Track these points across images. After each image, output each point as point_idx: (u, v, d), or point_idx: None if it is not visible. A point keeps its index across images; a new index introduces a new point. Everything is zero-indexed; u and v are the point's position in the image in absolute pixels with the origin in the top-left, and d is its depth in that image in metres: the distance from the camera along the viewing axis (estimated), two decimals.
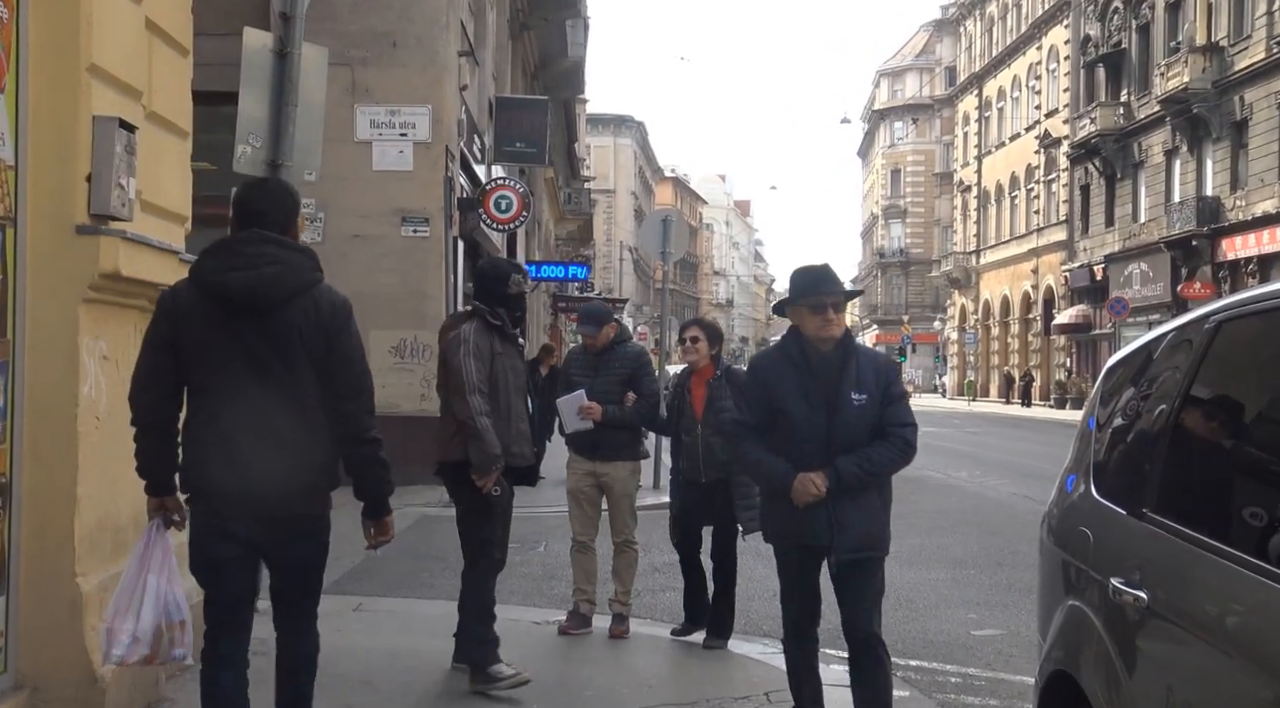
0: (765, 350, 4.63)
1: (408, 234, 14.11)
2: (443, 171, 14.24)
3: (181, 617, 3.57)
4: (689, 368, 6.64)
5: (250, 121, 6.97)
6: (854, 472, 4.26)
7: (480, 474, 5.31)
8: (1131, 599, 2.73)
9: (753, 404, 4.43)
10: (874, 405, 4.30)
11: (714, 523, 6.55)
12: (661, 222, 14.57)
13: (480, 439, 5.27)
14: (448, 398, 5.44)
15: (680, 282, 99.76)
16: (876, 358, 4.48)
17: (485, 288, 5.63)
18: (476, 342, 5.40)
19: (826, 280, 4.41)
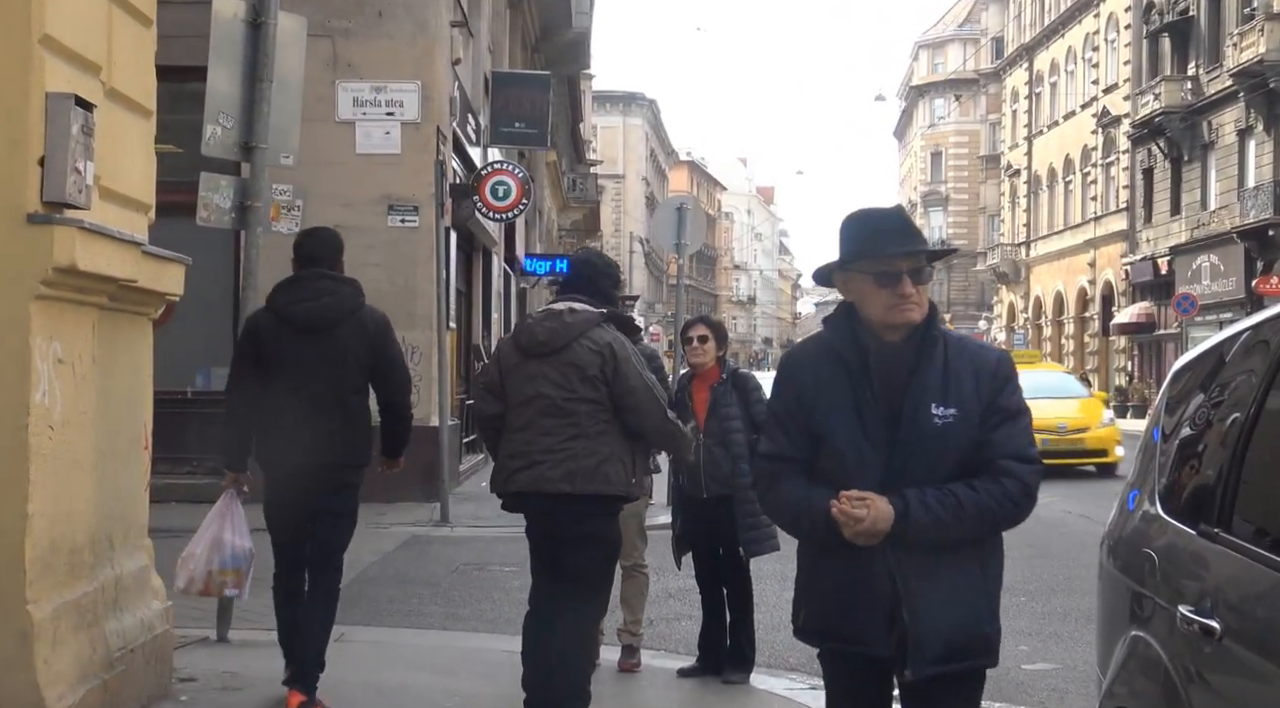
0: (800, 345, 3.37)
1: (395, 224, 14.14)
2: (433, 155, 14.26)
3: (239, 565, 5.51)
4: (691, 371, 6.63)
5: (220, 99, 6.98)
6: (929, 508, 3.00)
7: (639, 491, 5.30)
8: (1202, 629, 2.71)
9: (788, 426, 3.17)
10: (968, 425, 3.05)
11: (722, 544, 6.54)
12: (676, 210, 14.57)
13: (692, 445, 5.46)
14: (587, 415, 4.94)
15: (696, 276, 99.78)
16: (978, 353, 3.18)
17: (599, 286, 5.21)
18: (629, 347, 5.07)
19: (899, 232, 3.13)
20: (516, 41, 25.62)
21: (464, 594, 9.08)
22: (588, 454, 4.94)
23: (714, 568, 6.64)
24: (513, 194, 15.69)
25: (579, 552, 5.06)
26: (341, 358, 5.30)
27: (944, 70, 75.84)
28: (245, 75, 7.04)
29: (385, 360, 5.48)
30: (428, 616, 8.31)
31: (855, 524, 2.98)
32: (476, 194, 15.58)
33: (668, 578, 9.28)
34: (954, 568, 3.07)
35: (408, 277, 13.93)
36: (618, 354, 4.97)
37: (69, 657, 4.54)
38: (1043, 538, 12.13)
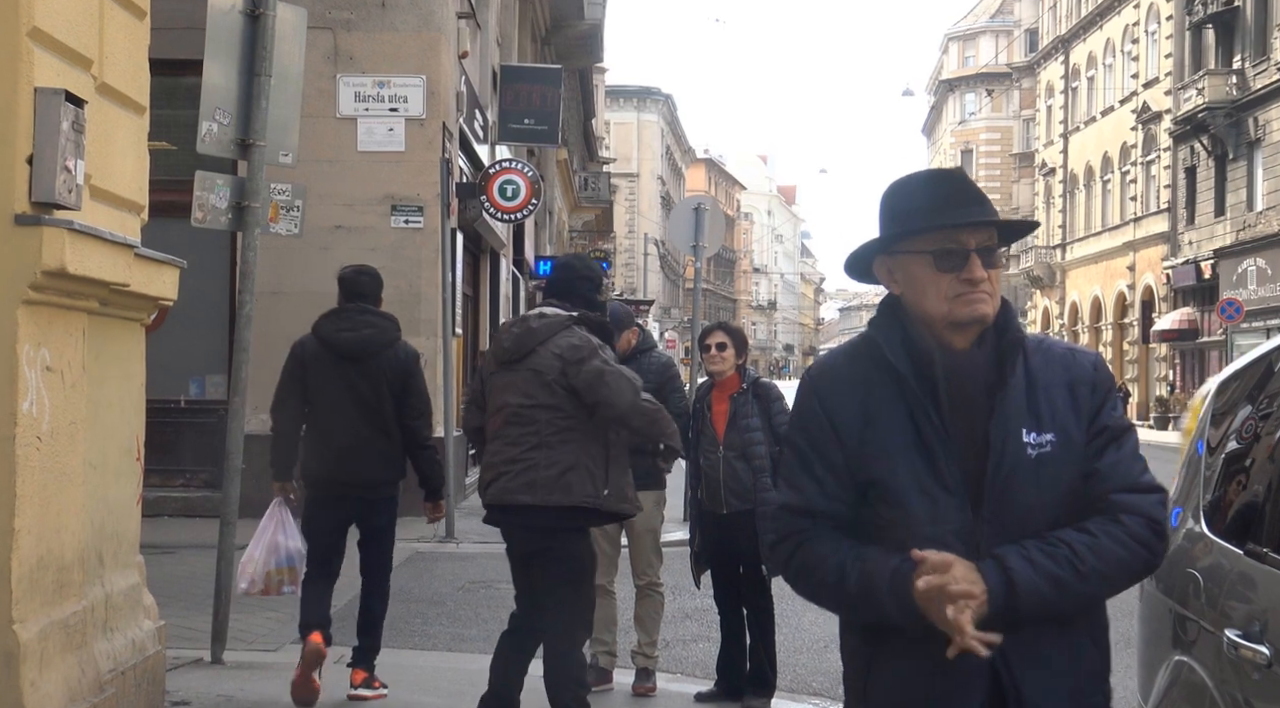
0: (831, 358, 2.64)
1: (398, 225, 14.16)
2: (439, 153, 14.29)
3: (293, 564, 6.22)
4: (709, 380, 6.63)
5: (216, 94, 7.00)
6: (1039, 568, 2.33)
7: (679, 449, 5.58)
8: (1251, 655, 2.69)
9: (819, 469, 2.48)
10: (1070, 454, 2.43)
11: (742, 562, 6.54)
12: (693, 211, 14.57)
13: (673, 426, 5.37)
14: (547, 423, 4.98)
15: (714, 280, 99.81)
16: (1069, 358, 2.54)
17: (578, 290, 5.27)
18: (603, 353, 5.09)
19: (963, 197, 2.48)
20: (526, 34, 25.68)
21: (470, 614, 9.07)
22: (549, 464, 4.97)
23: (734, 587, 6.63)
24: (522, 194, 15.71)
25: (545, 567, 5.10)
26: (377, 384, 6.16)
27: (975, 64, 75.76)
28: (243, 69, 7.07)
29: (411, 391, 6.28)
30: (433, 636, 8.31)
31: (961, 604, 2.25)
32: (484, 194, 15.61)
33: (684, 597, 9.26)
34: (1066, 648, 2.41)
35: (412, 280, 13.96)
36: (580, 353, 5.01)
37: (57, 679, 4.54)
38: None
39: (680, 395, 6.73)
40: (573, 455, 4.99)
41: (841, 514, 2.46)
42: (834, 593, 2.46)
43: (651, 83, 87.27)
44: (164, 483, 12.80)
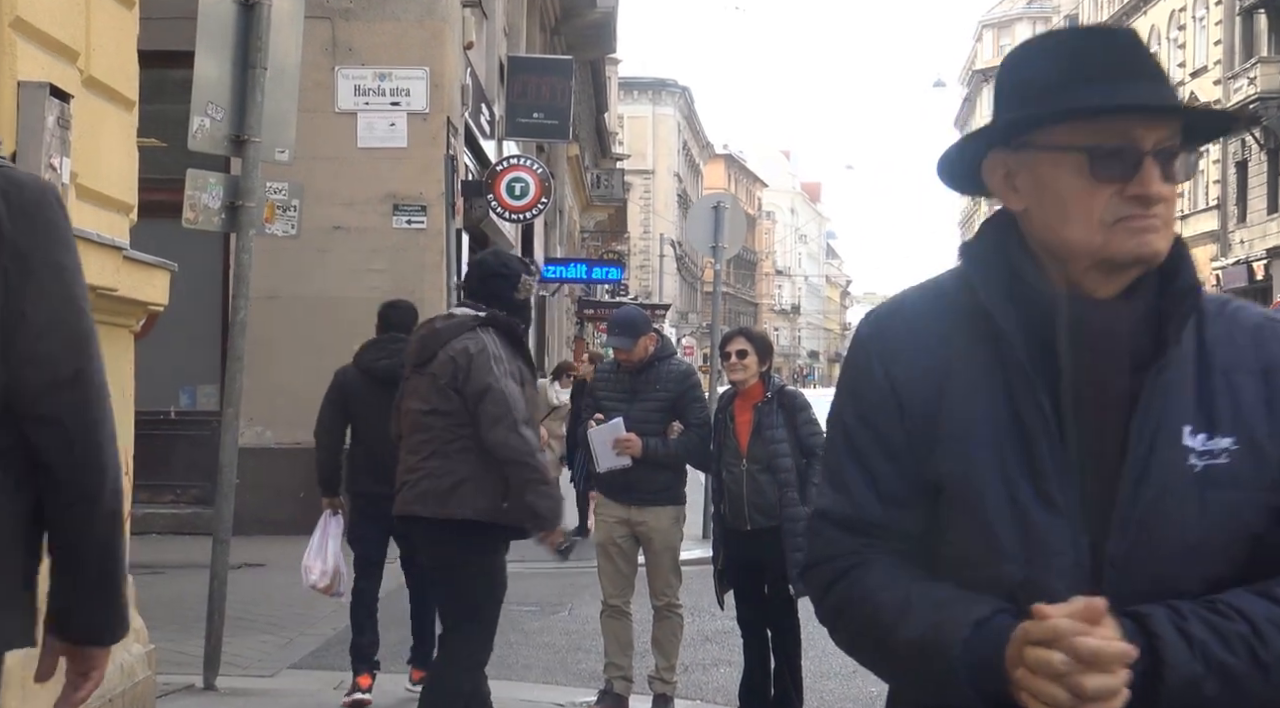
0: (900, 298, 1.93)
1: (401, 226, 14.18)
2: (443, 149, 14.31)
3: (345, 570, 7.06)
4: (731, 389, 6.63)
5: (209, 88, 7.02)
6: (1199, 646, 1.61)
7: (549, 526, 5.08)
8: None
9: (877, 462, 1.79)
10: (1257, 472, 1.71)
11: (768, 581, 6.53)
12: (712, 209, 14.56)
13: (545, 483, 5.02)
14: (443, 430, 5.06)
15: (735, 283, 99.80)
16: (1269, 331, 1.81)
17: (490, 288, 5.33)
18: (505, 359, 5.10)
19: (1138, 68, 1.74)
20: (535, 23, 25.72)
21: None
22: (442, 474, 5.00)
23: (758, 608, 6.62)
24: (531, 192, 15.73)
25: (443, 585, 5.17)
26: None
27: None
28: (236, 61, 7.08)
29: None
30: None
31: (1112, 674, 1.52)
32: (491, 192, 15.63)
33: (704, 619, 9.24)
34: None
35: (414, 284, 13.96)
36: (473, 358, 5.01)
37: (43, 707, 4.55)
38: None
39: (701, 405, 6.73)
40: (468, 466, 4.98)
41: (907, 529, 1.76)
42: (886, 647, 1.72)
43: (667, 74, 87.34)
44: (153, 499, 12.82)
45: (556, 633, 9.25)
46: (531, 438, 5.00)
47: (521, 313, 5.36)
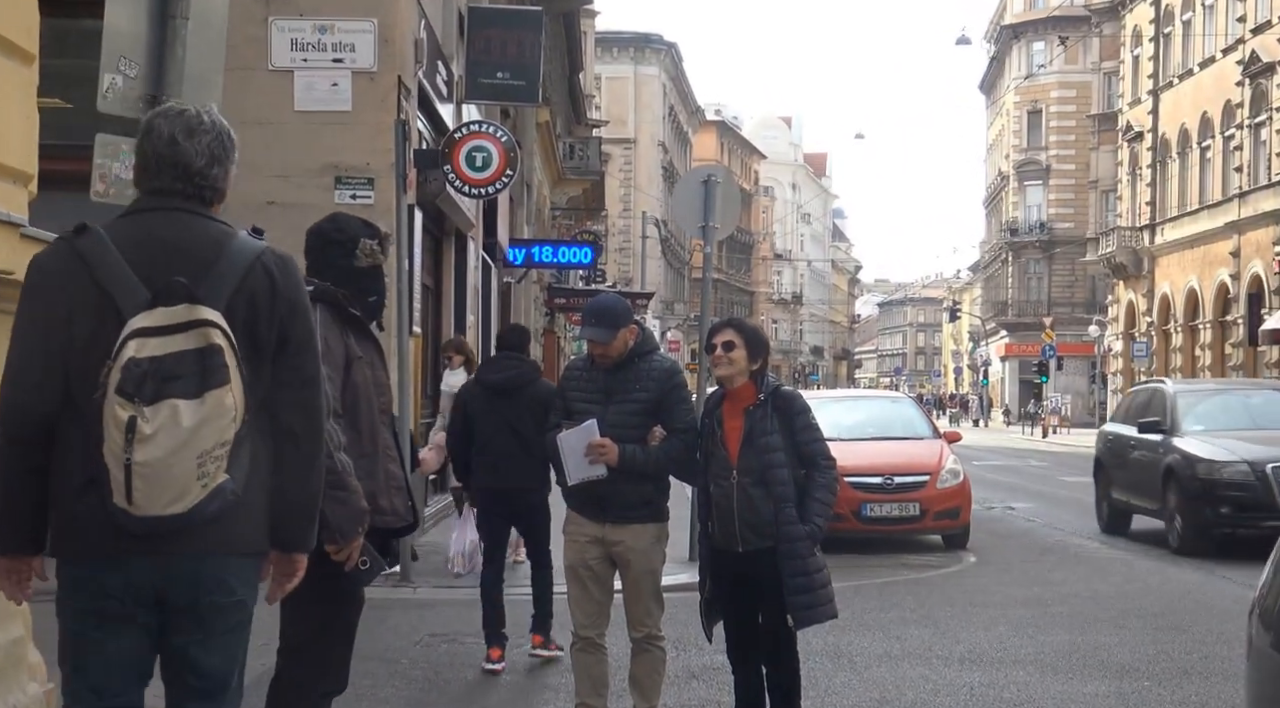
0: None
1: (344, 201, 14.15)
2: (393, 113, 14.28)
3: (469, 553, 10.69)
4: (720, 390, 6.63)
5: (121, 41, 6.99)
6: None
7: (342, 539, 4.93)
8: None
9: None
10: None
11: (762, 611, 6.54)
12: (702, 184, 14.56)
13: (340, 488, 4.89)
14: None
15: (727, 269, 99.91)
16: None
17: (323, 258, 5.36)
18: (326, 338, 5.05)
19: None
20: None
21: (430, 674, 9.07)
22: None
23: (751, 641, 6.63)
24: (494, 164, 15.68)
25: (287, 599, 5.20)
26: (522, 413, 8.99)
27: (1045, 6, 75.84)
28: (154, 11, 7.05)
29: None
30: (384, 702, 8.30)
31: None
32: (448, 163, 15.60)
33: (690, 653, 9.25)
34: None
35: None
36: None
37: None
38: (1175, 605, 12.09)
39: (687, 408, 6.72)
40: None
41: None
42: None
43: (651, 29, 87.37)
44: None
45: (519, 670, 9.24)
46: (333, 432, 4.88)
47: (363, 283, 5.33)
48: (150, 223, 4.05)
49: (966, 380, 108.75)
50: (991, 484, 26.53)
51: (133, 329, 3.76)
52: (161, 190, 4.08)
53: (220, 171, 4.21)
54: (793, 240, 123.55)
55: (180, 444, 3.71)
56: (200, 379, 3.79)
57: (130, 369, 3.71)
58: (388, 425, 5.39)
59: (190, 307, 3.80)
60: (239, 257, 4.05)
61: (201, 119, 4.14)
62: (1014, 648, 9.93)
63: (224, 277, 4.00)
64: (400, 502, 5.33)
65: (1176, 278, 52.70)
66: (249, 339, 3.94)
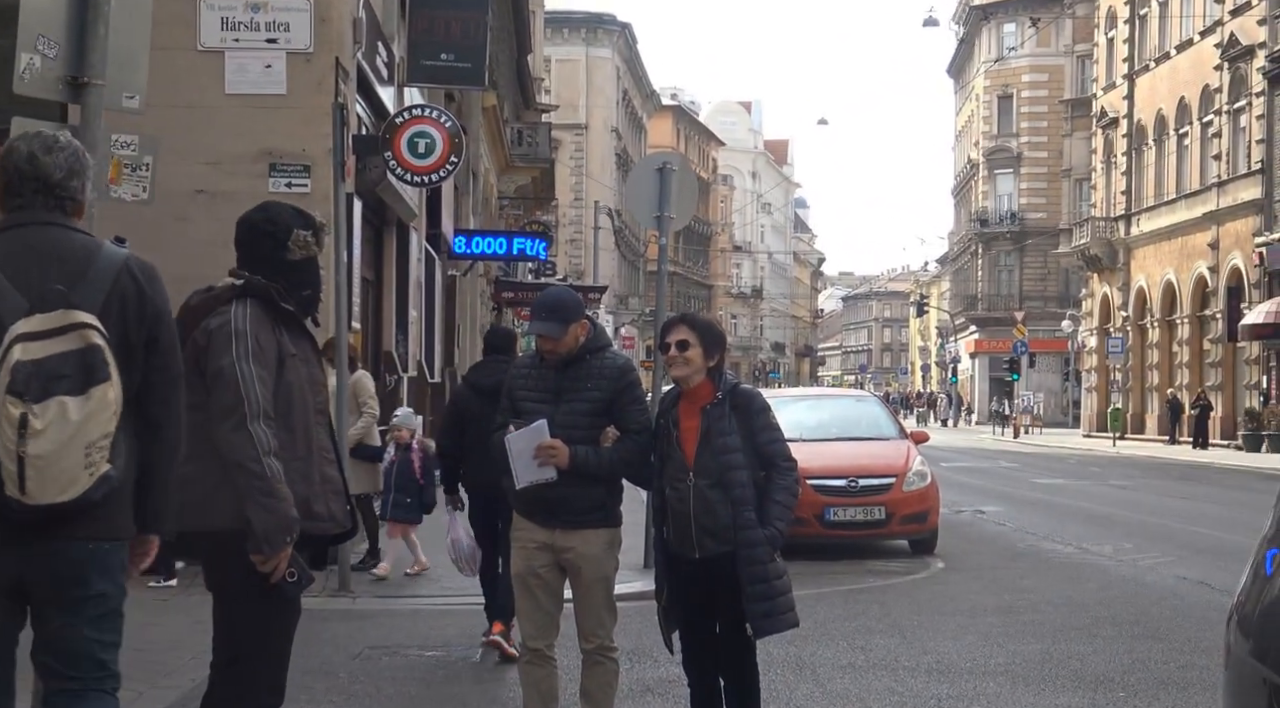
0: None
1: (279, 189, 14.09)
2: (331, 97, 14.23)
3: (464, 554, 9.98)
4: (675, 388, 6.63)
5: (40, 18, 6.94)
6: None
7: (269, 549, 4.95)
8: None
9: None
10: None
11: (720, 619, 6.55)
12: (657, 172, 14.56)
13: (268, 495, 4.92)
14: (195, 427, 5.02)
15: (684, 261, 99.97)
16: None
17: (253, 250, 5.31)
18: (257, 335, 5.08)
19: None
20: None
21: (369, 688, 9.04)
22: (198, 479, 5.02)
23: (709, 652, 6.63)
24: (438, 150, 15.63)
25: (216, 611, 5.27)
26: None
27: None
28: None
29: None
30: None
31: None
32: (389, 150, 15.54)
33: (643, 665, 9.25)
34: None
35: None
36: (212, 336, 5.04)
37: None
38: (1151, 612, 12.17)
39: (641, 408, 6.71)
40: (223, 467, 5.00)
41: None
42: None
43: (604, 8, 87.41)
44: None
45: (466, 682, 9.23)
46: (262, 436, 4.94)
47: (296, 276, 5.29)
48: (23, 236, 4.56)
49: (935, 378, 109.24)
50: (961, 487, 26.65)
51: (15, 335, 4.32)
52: (25, 205, 4.60)
53: (78, 184, 4.71)
54: (753, 231, 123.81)
55: (69, 437, 4.29)
56: (84, 377, 4.34)
57: (18, 371, 4.28)
58: (324, 426, 5.36)
59: (67, 312, 4.37)
60: (108, 264, 4.59)
61: (58, 138, 4.75)
62: (984, 658, 9.97)
63: (96, 283, 4.53)
64: (338, 507, 5.30)
65: (1153, 271, 53.03)
66: (121, 340, 4.51)
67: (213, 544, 5.11)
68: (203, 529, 5.07)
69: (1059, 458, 41.89)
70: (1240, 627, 3.65)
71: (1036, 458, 41.79)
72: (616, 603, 6.84)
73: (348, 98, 15.01)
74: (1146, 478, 31.78)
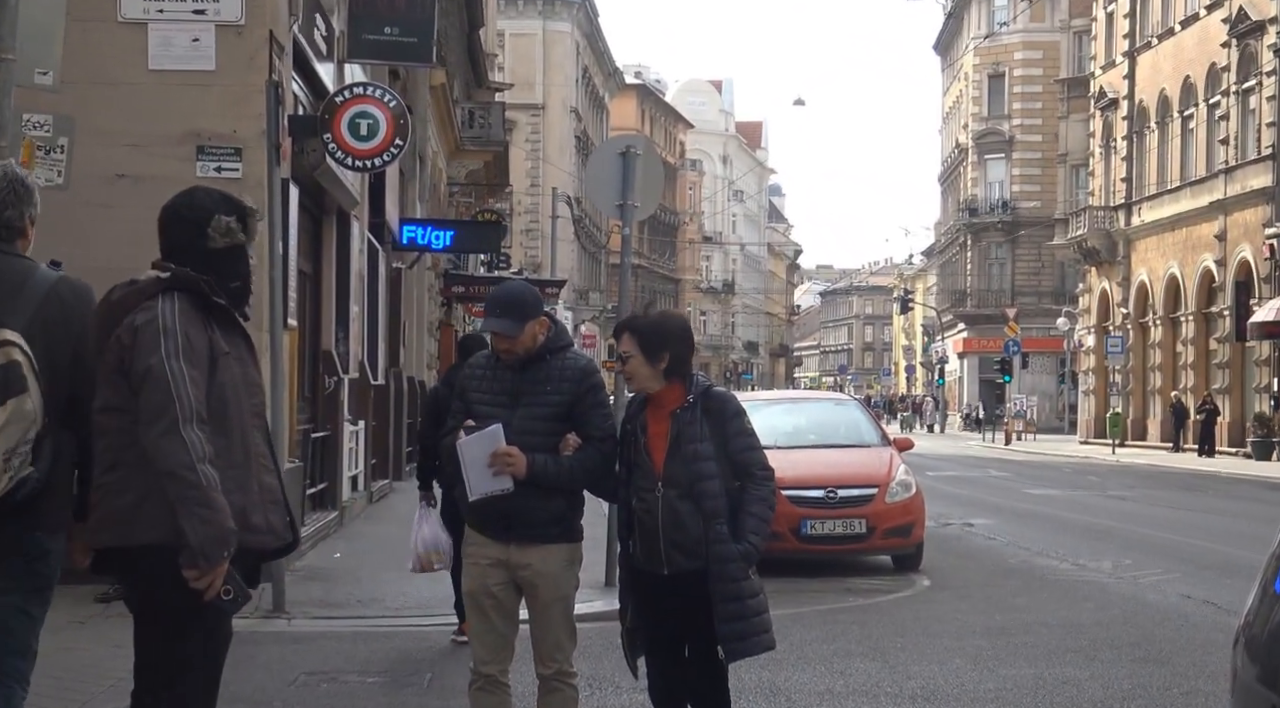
0: None
1: (208, 174, 14.02)
2: (264, 74, 14.18)
3: (442, 547, 10.66)
4: (641, 393, 6.64)
5: None
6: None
7: (204, 564, 4.92)
8: None
9: None
10: None
11: (690, 641, 6.56)
12: (620, 156, 14.55)
13: (205, 505, 4.89)
14: (119, 433, 5.10)
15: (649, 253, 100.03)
16: None
17: (175, 238, 5.29)
18: (187, 332, 5.05)
19: None
20: None
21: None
22: (122, 490, 5.03)
23: (676, 677, 6.64)
24: (381, 132, 15.61)
25: (136, 632, 5.23)
26: None
27: None
28: None
29: None
30: None
31: None
32: (328, 131, 15.51)
33: (605, 692, 9.26)
34: None
35: None
36: (138, 333, 5.01)
37: None
38: (1153, 634, 12.22)
39: (605, 413, 6.70)
40: (153, 475, 4.97)
41: None
42: None
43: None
44: None
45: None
46: (196, 441, 4.91)
47: (221, 266, 5.26)
48: None
49: (920, 380, 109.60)
50: (948, 498, 26.74)
51: None
52: None
53: (15, 213, 5.49)
54: (724, 221, 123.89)
55: None
56: (3, 389, 5.09)
57: None
58: (261, 430, 5.32)
59: None
60: (38, 287, 5.35)
61: None
62: (972, 684, 10.00)
63: (24, 304, 5.28)
64: (277, 518, 5.28)
65: (1155, 264, 53.28)
66: (46, 356, 5.27)
67: (138, 561, 5.06)
68: (127, 544, 5.03)
69: (1054, 467, 42.05)
70: (1247, 650, 3.67)
71: (1029, 467, 41.96)
72: (576, 625, 6.84)
73: (283, 75, 14.95)
74: (1148, 488, 31.92)
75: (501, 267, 44.61)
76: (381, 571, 14.38)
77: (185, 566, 4.89)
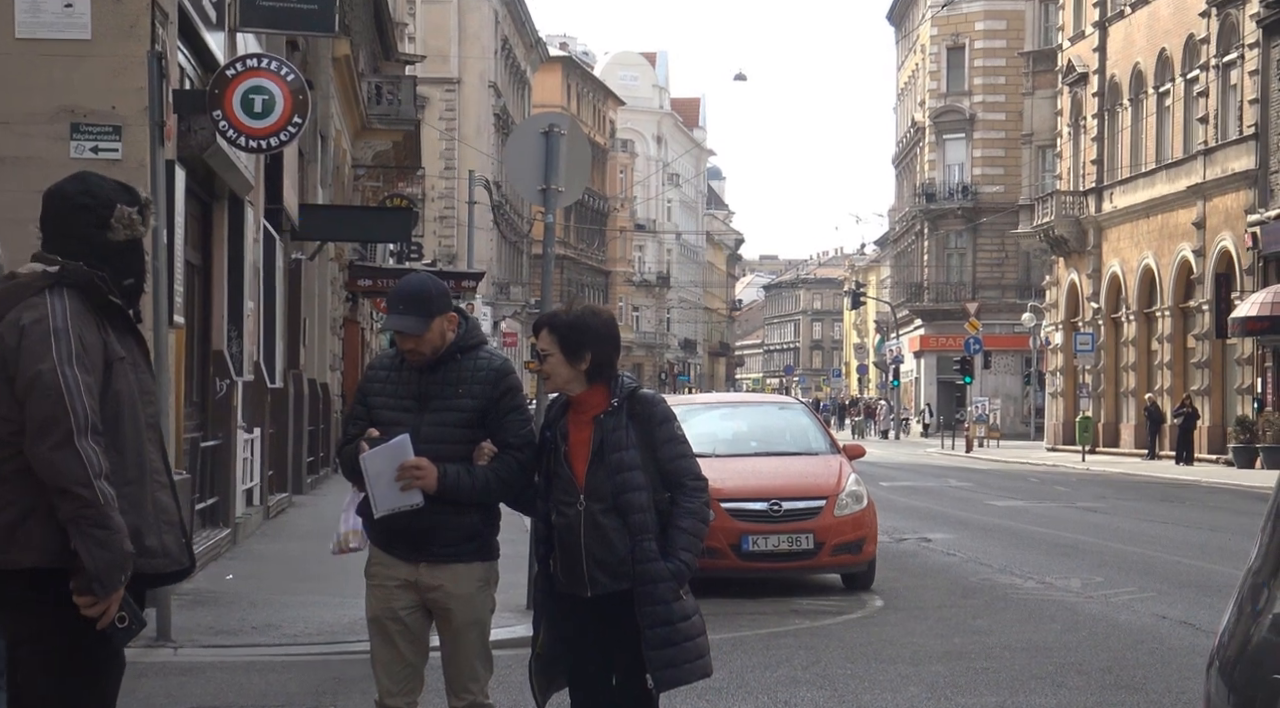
0: None
1: (83, 155, 13.95)
2: (146, 43, 14.11)
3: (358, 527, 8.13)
4: (564, 395, 6.63)
5: None
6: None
7: (101, 590, 4.92)
8: None
9: None
10: None
11: (616, 669, 6.56)
12: (542, 136, 14.55)
13: (102, 526, 4.89)
14: None
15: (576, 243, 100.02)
16: None
17: (66, 228, 5.23)
18: (80, 334, 5.03)
19: None
20: None
21: None
22: (2, 506, 5.01)
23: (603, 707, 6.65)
24: (278, 109, 15.55)
25: (19, 666, 5.18)
26: None
27: None
28: None
29: None
30: None
31: None
32: (219, 108, 15.44)
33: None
34: None
35: None
36: (24, 335, 4.98)
37: None
38: (1125, 658, 12.31)
39: (522, 418, 6.71)
40: (34, 490, 4.95)
41: None
42: None
43: None
44: None
45: None
46: (92, 455, 4.89)
47: (119, 261, 5.26)
48: None
49: (873, 382, 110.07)
50: (903, 510, 26.88)
51: None
52: None
53: None
54: (658, 207, 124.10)
55: None
56: None
57: None
58: (156, 443, 5.30)
59: None
60: None
61: None
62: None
63: None
64: (173, 540, 5.25)
65: (1128, 254, 53.63)
66: None
67: (18, 586, 5.01)
68: (5, 568, 4.98)
69: (1018, 476, 42.31)
70: (1221, 674, 3.68)
71: (992, 476, 42.19)
72: (493, 652, 6.85)
73: (167, 44, 14.88)
74: (1121, 499, 32.14)
75: (413, 258, 44.55)
76: (279, 594, 14.32)
77: (78, 592, 4.87)
